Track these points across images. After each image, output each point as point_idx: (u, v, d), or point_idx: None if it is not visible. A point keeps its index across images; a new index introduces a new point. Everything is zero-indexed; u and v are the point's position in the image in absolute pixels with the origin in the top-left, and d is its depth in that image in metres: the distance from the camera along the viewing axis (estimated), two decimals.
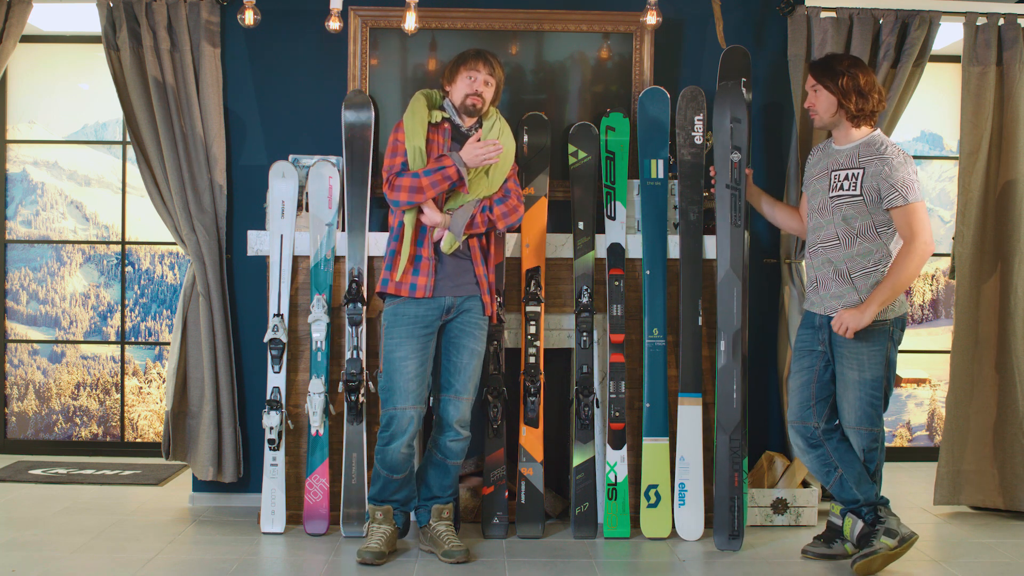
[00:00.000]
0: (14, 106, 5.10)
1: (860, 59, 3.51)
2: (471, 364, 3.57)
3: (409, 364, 3.48)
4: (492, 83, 3.58)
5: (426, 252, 3.50)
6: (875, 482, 3.45)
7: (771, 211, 3.83)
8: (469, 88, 3.54)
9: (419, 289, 3.48)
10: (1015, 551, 3.68)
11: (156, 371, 5.13)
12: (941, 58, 4.96)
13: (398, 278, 3.49)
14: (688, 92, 3.99)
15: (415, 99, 3.59)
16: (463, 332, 3.57)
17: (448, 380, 3.57)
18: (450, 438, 3.56)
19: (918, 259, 3.29)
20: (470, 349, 3.56)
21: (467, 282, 3.56)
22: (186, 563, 3.42)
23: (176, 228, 4.06)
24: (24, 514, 3.99)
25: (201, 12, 4.02)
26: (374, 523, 3.54)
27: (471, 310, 3.57)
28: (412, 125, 3.51)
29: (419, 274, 3.49)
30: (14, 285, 5.11)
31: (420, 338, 3.50)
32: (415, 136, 3.49)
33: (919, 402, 5.31)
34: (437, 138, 3.56)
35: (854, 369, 3.39)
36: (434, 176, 3.45)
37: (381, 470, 3.55)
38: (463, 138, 3.59)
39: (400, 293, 3.49)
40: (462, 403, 3.55)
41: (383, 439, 3.52)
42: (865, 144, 3.40)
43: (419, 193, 3.44)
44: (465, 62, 3.56)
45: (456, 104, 3.58)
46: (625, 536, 3.82)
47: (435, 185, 3.45)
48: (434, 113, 3.56)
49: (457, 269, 3.54)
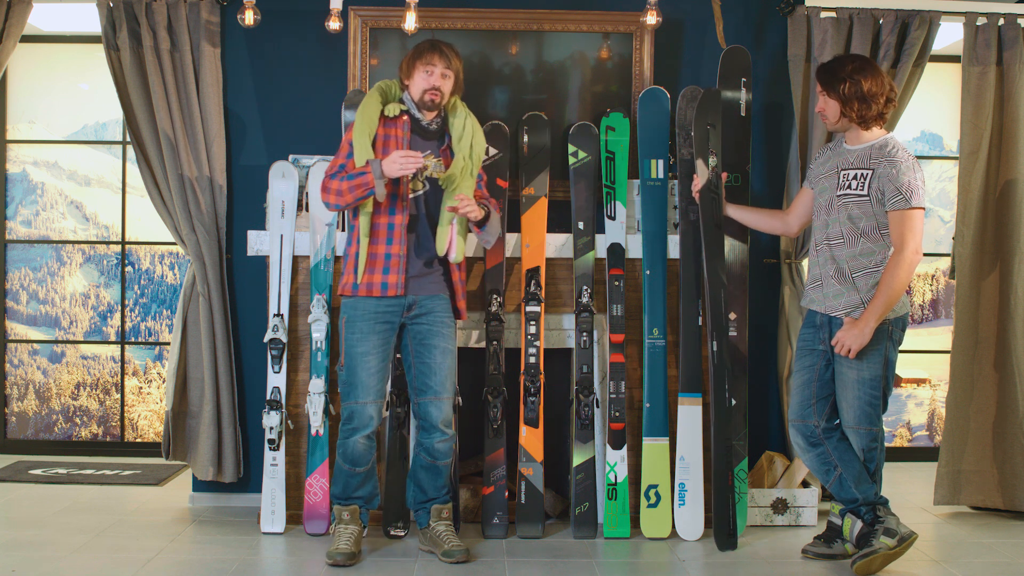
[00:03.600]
0: (14, 106, 5.10)
1: (869, 61, 3.45)
2: (445, 363, 3.52)
3: (371, 359, 3.45)
4: (450, 75, 3.47)
5: (396, 250, 3.44)
6: (875, 482, 3.45)
7: (739, 214, 3.83)
8: (426, 83, 3.43)
9: (390, 287, 3.42)
10: (1015, 551, 3.68)
11: (156, 371, 5.13)
12: (941, 58, 4.96)
13: (364, 279, 3.43)
14: (688, 92, 3.99)
15: (369, 94, 3.49)
16: (431, 332, 3.50)
17: (425, 382, 3.51)
18: (437, 439, 3.52)
19: (907, 267, 3.29)
20: (441, 348, 3.51)
21: (432, 281, 3.51)
22: (186, 563, 3.42)
23: (176, 228, 4.06)
24: (24, 514, 3.99)
25: (201, 12, 4.02)
26: (341, 524, 3.52)
27: (435, 310, 3.51)
28: (359, 121, 3.42)
29: (389, 272, 3.43)
30: (14, 285, 5.12)
31: (381, 333, 3.45)
32: (360, 134, 3.40)
33: (919, 402, 5.31)
34: (395, 132, 3.47)
35: (853, 368, 3.39)
36: (354, 181, 3.35)
37: (343, 465, 3.51)
38: (423, 131, 3.50)
39: (372, 294, 3.43)
40: (443, 403, 3.52)
41: (344, 432, 3.49)
42: (877, 147, 3.40)
43: (340, 197, 3.37)
44: (420, 56, 3.45)
45: (415, 99, 3.48)
46: (625, 536, 3.82)
47: (352, 191, 3.35)
48: (390, 107, 3.46)
49: (426, 269, 3.49)
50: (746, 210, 3.85)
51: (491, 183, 3.95)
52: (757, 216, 3.84)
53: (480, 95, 4.11)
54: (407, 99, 3.51)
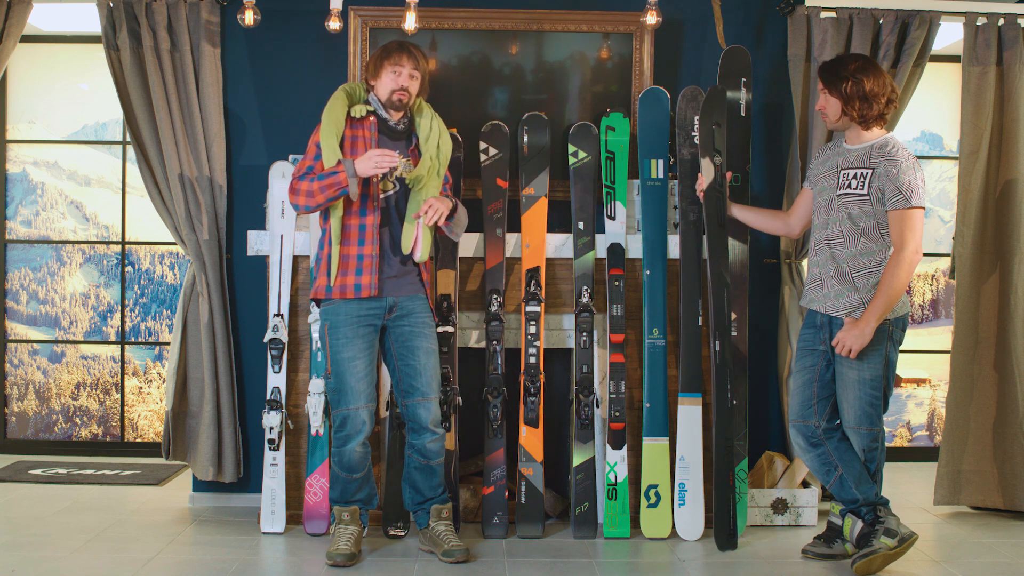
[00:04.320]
0: (14, 106, 5.10)
1: (871, 61, 3.45)
2: (429, 363, 3.51)
3: (358, 364, 3.44)
4: (418, 76, 3.48)
5: (368, 250, 3.43)
6: (875, 482, 3.45)
7: (742, 214, 3.83)
8: (394, 83, 3.44)
9: (364, 289, 3.41)
10: (1015, 551, 3.68)
11: (156, 371, 5.13)
12: (941, 58, 4.96)
13: (337, 281, 3.42)
14: (688, 92, 3.99)
15: (333, 96, 3.49)
16: (413, 333, 3.50)
17: (411, 384, 3.51)
18: (428, 439, 3.52)
19: (907, 267, 3.29)
20: (425, 348, 3.51)
21: (410, 282, 3.51)
22: (186, 563, 3.42)
23: (176, 228, 4.06)
24: (24, 514, 3.99)
25: (201, 12, 4.02)
26: (341, 524, 3.51)
27: (416, 311, 3.51)
28: (326, 123, 3.42)
29: (363, 273, 3.42)
30: (14, 285, 5.12)
31: (365, 337, 3.45)
32: (328, 135, 3.40)
33: (919, 402, 5.31)
34: (363, 133, 3.47)
35: (854, 368, 3.39)
36: (326, 181, 3.34)
37: (340, 472, 3.51)
38: (390, 131, 3.51)
39: (345, 296, 3.42)
40: (431, 404, 3.52)
41: (339, 440, 3.48)
42: (878, 146, 3.40)
43: (312, 198, 3.36)
44: (389, 56, 3.46)
45: (382, 99, 3.48)
46: (625, 536, 3.82)
47: (324, 191, 3.34)
48: (356, 108, 3.47)
49: (400, 270, 3.49)
50: (748, 210, 3.85)
51: (491, 183, 3.95)
52: (759, 216, 3.84)
53: (480, 95, 4.11)
54: (373, 99, 3.52)
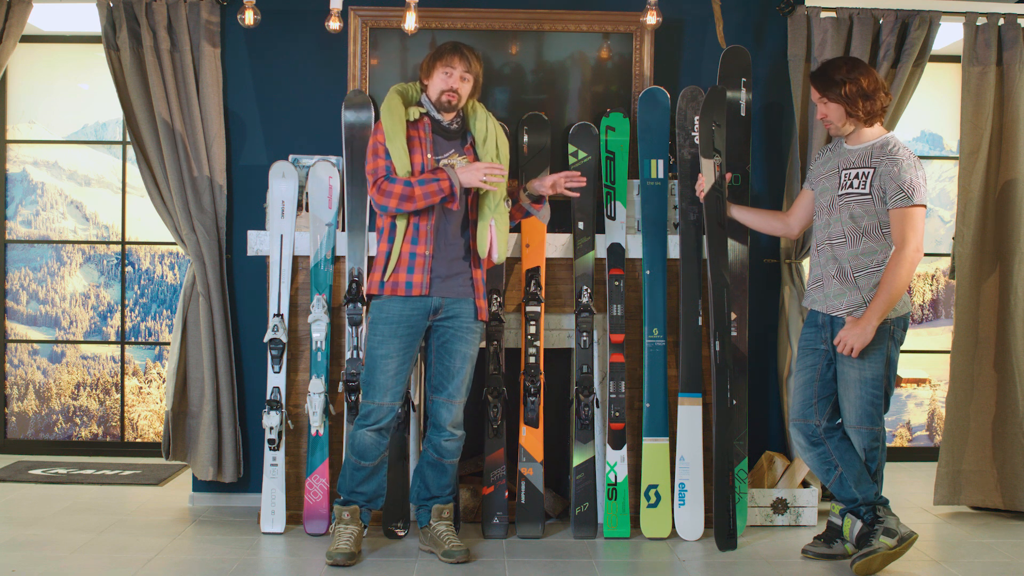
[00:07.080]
0: (14, 106, 5.10)
1: (858, 60, 3.48)
2: (463, 368, 3.54)
3: (390, 363, 3.46)
4: (469, 79, 3.52)
5: (422, 250, 3.47)
6: (875, 482, 3.45)
7: (741, 215, 3.83)
8: (445, 84, 3.48)
9: (415, 287, 3.45)
10: (1015, 551, 3.68)
11: (156, 371, 5.13)
12: (941, 58, 4.96)
13: (390, 278, 3.47)
14: (688, 92, 3.99)
15: (389, 96, 3.53)
16: (455, 337, 3.53)
17: (441, 383, 3.55)
18: (445, 438, 3.56)
19: (908, 266, 3.29)
20: (462, 354, 3.54)
21: (459, 284, 3.53)
22: (186, 563, 3.42)
23: (176, 228, 4.06)
24: (24, 514, 3.99)
25: (201, 12, 4.02)
26: (341, 523, 3.52)
27: (461, 314, 3.53)
28: (391, 125, 3.45)
29: (415, 271, 3.46)
30: (14, 285, 5.12)
31: (403, 338, 3.47)
32: (395, 136, 3.44)
33: (919, 402, 5.31)
34: (418, 134, 3.51)
35: (855, 368, 3.39)
36: (428, 187, 3.39)
37: (351, 456, 3.52)
38: (444, 132, 3.54)
39: (396, 293, 3.46)
40: (455, 406, 3.54)
41: (357, 424, 3.51)
42: (879, 146, 3.40)
43: (409, 201, 3.40)
44: (441, 57, 3.50)
45: (432, 100, 3.53)
46: (625, 536, 3.82)
47: (427, 196, 3.39)
48: (411, 110, 3.51)
49: (451, 270, 3.52)
50: (748, 211, 3.85)
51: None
52: (759, 217, 3.84)
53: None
54: (425, 101, 3.56)
